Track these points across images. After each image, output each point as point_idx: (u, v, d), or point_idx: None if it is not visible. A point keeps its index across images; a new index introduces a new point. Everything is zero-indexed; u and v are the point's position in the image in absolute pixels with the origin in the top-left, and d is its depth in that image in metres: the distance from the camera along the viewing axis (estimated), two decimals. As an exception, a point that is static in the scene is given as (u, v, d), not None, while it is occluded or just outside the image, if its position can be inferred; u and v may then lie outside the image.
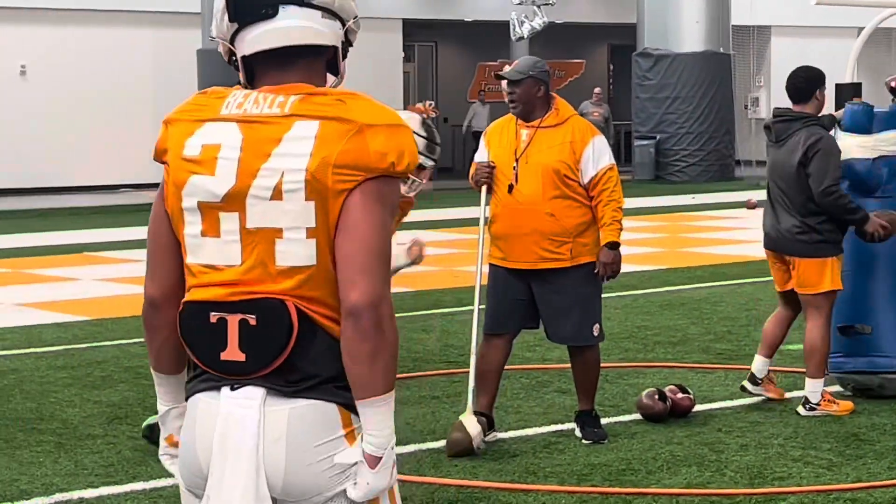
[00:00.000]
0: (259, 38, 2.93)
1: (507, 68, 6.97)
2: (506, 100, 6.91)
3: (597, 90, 30.23)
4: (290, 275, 2.86)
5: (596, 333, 6.92)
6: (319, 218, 2.83)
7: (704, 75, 29.29)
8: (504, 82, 6.91)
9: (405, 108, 26.65)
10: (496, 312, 6.88)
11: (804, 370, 7.96)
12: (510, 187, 6.73)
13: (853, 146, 7.87)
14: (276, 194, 2.85)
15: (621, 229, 6.81)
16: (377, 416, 2.80)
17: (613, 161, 6.86)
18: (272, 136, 2.86)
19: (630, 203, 25.81)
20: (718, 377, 8.53)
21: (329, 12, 2.96)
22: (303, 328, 2.86)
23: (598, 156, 6.78)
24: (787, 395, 7.76)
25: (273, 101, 2.89)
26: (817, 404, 7.40)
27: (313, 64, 2.97)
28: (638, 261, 15.01)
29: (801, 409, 7.43)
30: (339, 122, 2.84)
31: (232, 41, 2.97)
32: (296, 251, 2.85)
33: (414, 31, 33.02)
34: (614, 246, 6.81)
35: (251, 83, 2.98)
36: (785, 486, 6.01)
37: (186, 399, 3.01)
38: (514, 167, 6.73)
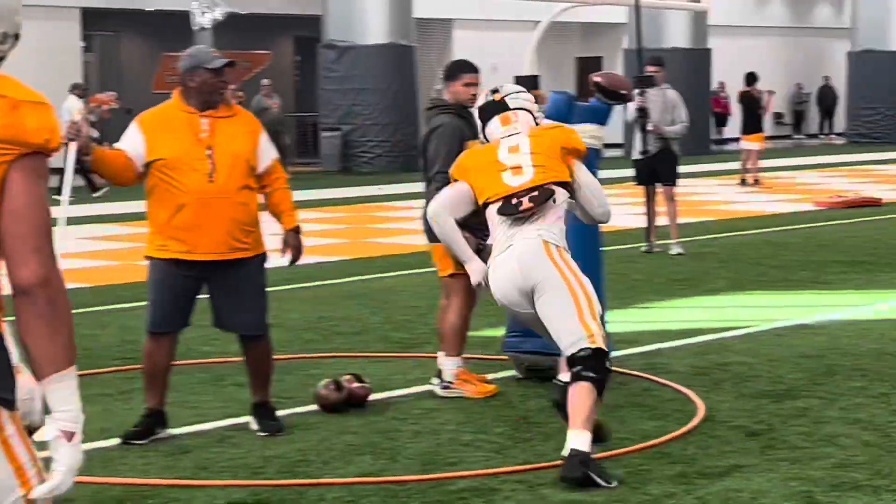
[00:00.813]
0: None
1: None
2: (215, 88, 6.67)
3: (266, 82, 29.69)
4: None
5: (269, 322, 6.94)
6: None
7: (389, 67, 29.59)
8: (214, 72, 6.71)
9: (86, 100, 25.90)
10: (165, 310, 6.74)
11: (494, 356, 8.21)
12: (210, 177, 6.60)
13: None
14: None
15: None
16: (66, 391, 2.80)
17: None
18: None
19: (317, 194, 25.90)
20: (396, 365, 8.61)
21: None
22: None
23: (268, 143, 6.86)
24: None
25: None
26: (451, 382, 7.58)
27: None
28: (322, 252, 15.03)
29: (437, 389, 7.62)
30: None
31: None
32: None
33: (95, 20, 32.21)
34: (299, 230, 6.94)
35: None
36: (455, 471, 6.10)
37: None
38: (209, 155, 6.60)
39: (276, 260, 7.10)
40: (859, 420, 6.92)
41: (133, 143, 6.68)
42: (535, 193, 6.20)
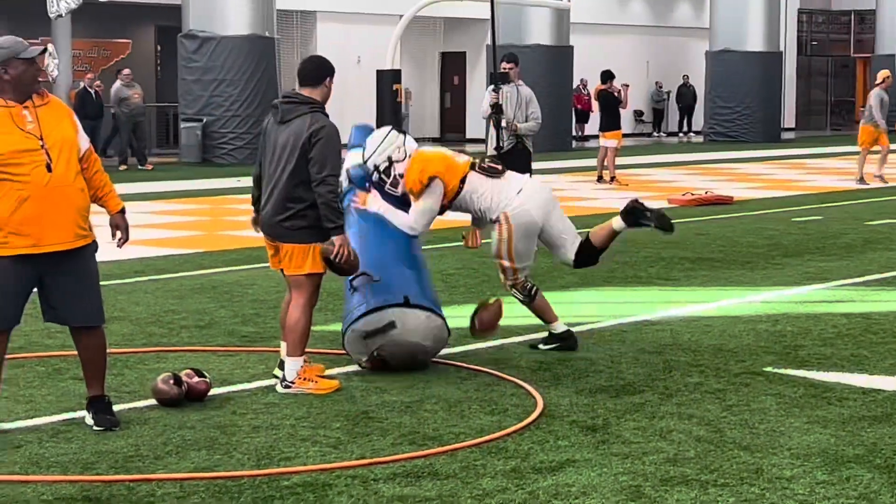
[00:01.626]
0: None
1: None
2: (34, 79, 6.58)
3: (125, 71, 29.23)
4: None
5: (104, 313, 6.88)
6: None
7: (250, 59, 29.41)
8: (29, 62, 6.58)
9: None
10: (2, 307, 6.60)
11: (336, 351, 8.22)
12: (48, 167, 6.47)
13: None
14: None
15: None
16: None
17: None
18: None
19: (175, 186, 25.63)
20: (240, 360, 8.56)
21: None
22: None
23: (80, 127, 6.79)
24: (327, 372, 7.88)
25: None
26: (292, 382, 7.59)
27: None
28: (174, 244, 14.91)
29: (278, 387, 7.63)
30: None
31: None
32: None
33: (-52, 5, 31.55)
34: (124, 211, 6.93)
35: None
36: (290, 466, 6.09)
37: None
38: (43, 146, 6.47)
39: (110, 246, 7.01)
40: (693, 416, 7.05)
41: None
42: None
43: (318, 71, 7.76)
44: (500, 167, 8.65)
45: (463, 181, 8.49)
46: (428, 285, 8.50)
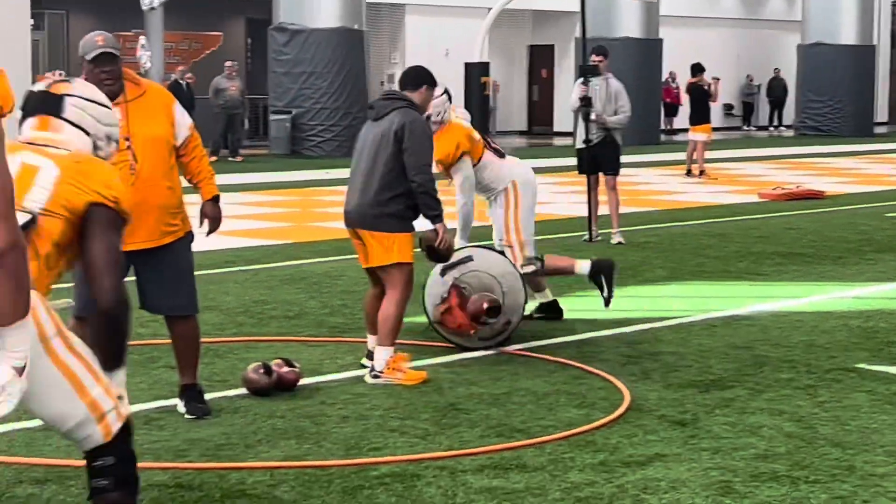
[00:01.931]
0: None
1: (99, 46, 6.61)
2: (99, 80, 6.42)
3: (228, 64, 29.87)
4: None
5: (198, 303, 6.93)
6: None
7: (339, 51, 29.54)
8: (93, 62, 6.56)
9: (34, 78, 25.83)
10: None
11: (425, 342, 8.28)
12: (131, 168, 6.52)
13: None
14: None
15: None
16: (21, 336, 3.27)
17: None
18: None
19: (264, 177, 25.82)
20: (329, 350, 8.62)
21: None
22: None
23: (182, 113, 6.75)
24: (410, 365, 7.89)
25: None
26: (381, 372, 7.62)
27: None
28: (263, 235, 15.05)
29: (367, 378, 7.66)
30: None
31: None
32: None
33: (43, -2, 31.98)
34: (218, 199, 6.91)
35: None
36: (378, 457, 6.12)
37: None
38: (129, 146, 6.53)
39: (200, 236, 7.07)
40: (784, 411, 6.98)
41: None
42: None
43: (417, 77, 7.97)
44: (502, 150, 9.61)
45: (480, 158, 9.24)
46: None
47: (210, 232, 7.02)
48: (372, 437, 6.49)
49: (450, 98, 9.08)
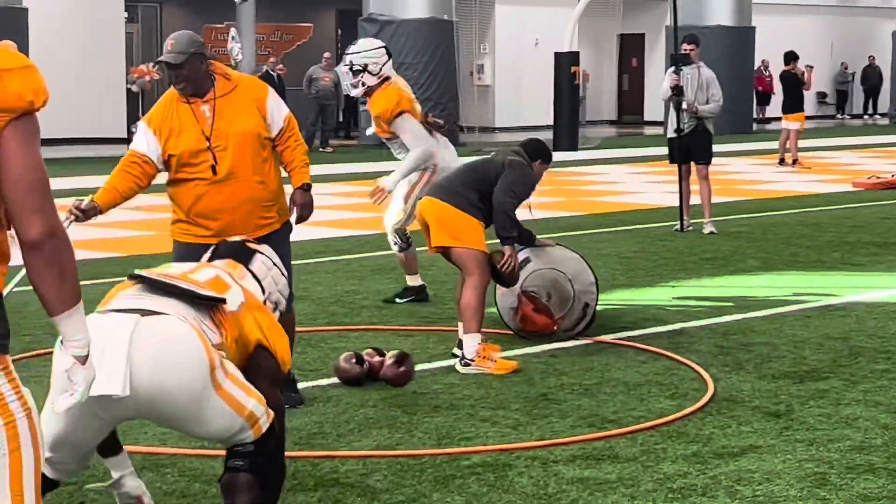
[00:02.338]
0: None
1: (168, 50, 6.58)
2: (177, 83, 6.51)
3: (326, 55, 30.12)
4: None
5: (293, 293, 6.96)
6: None
7: (429, 42, 29.54)
8: (167, 65, 6.56)
9: (128, 71, 26.11)
10: None
11: (509, 331, 8.30)
12: (212, 169, 6.54)
13: None
14: None
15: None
16: (77, 324, 3.14)
17: None
18: None
19: (354, 168, 25.83)
20: (420, 340, 8.64)
21: None
22: None
23: (277, 103, 6.69)
24: (501, 355, 7.89)
25: None
26: (472, 360, 7.62)
27: None
28: (354, 226, 15.12)
29: (458, 366, 7.67)
30: None
31: None
32: None
33: (137, -9, 32.36)
34: (309, 188, 6.85)
35: None
36: (470, 446, 6.13)
37: None
38: (209, 147, 6.52)
39: (301, 229, 7.10)
40: (880, 403, 6.89)
41: (145, 143, 6.57)
42: None
43: (534, 151, 8.26)
44: (442, 124, 10.10)
45: None
46: None
47: (300, 219, 6.98)
48: (463, 426, 6.49)
49: (389, 55, 9.58)
